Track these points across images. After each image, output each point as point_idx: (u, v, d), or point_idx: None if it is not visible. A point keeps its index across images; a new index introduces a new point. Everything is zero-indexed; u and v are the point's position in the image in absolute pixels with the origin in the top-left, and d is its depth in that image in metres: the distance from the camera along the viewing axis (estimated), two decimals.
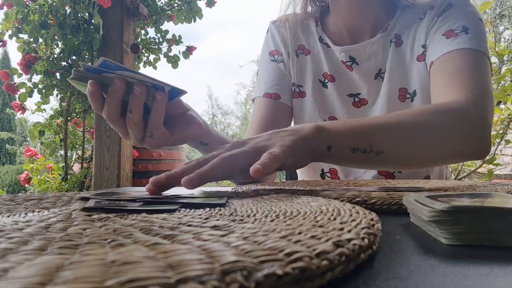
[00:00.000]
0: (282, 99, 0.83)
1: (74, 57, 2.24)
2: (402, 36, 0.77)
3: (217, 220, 0.23)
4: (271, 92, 0.83)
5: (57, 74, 2.23)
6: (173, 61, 2.74)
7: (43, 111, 2.37)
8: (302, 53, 0.85)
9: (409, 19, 0.77)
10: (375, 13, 0.79)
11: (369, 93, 0.79)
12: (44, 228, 0.21)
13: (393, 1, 0.80)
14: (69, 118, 2.29)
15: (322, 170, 0.84)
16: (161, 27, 2.70)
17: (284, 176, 1.15)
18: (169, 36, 2.74)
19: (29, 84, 2.22)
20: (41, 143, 2.46)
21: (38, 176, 2.29)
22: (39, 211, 0.28)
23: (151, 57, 2.78)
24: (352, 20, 0.79)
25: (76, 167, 2.42)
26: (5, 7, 2.13)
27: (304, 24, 0.86)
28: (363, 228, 0.19)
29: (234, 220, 0.23)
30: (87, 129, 2.36)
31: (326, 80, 0.82)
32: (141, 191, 0.43)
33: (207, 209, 0.28)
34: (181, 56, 2.75)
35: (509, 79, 2.02)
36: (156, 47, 2.73)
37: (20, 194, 0.40)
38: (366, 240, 0.18)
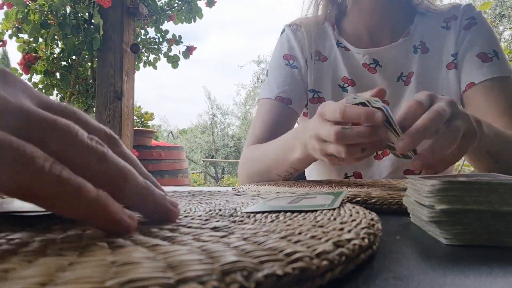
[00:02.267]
0: (292, 105, 0.83)
1: (74, 57, 2.24)
2: (428, 44, 0.80)
3: (217, 221, 0.23)
4: (283, 96, 0.82)
5: (57, 74, 2.23)
6: (173, 61, 2.75)
7: None
8: (319, 59, 0.85)
9: (431, 26, 0.81)
10: (395, 17, 0.81)
11: (391, 95, 0.80)
12: (44, 229, 0.21)
13: (411, 7, 0.83)
14: None
15: (346, 174, 0.84)
16: (161, 27, 2.70)
17: None
18: (169, 36, 2.74)
19: (29, 84, 2.22)
20: None
21: None
22: (39, 211, 0.28)
23: (151, 57, 2.78)
24: (373, 23, 0.81)
25: None
26: (5, 7, 2.13)
27: (320, 28, 0.86)
28: (363, 228, 0.19)
29: (234, 221, 0.23)
30: None
31: (346, 85, 0.83)
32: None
33: (207, 209, 0.28)
34: (181, 56, 2.75)
35: None
36: (156, 47, 2.74)
37: None
38: (366, 240, 0.18)
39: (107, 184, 0.19)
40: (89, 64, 2.26)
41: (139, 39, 2.67)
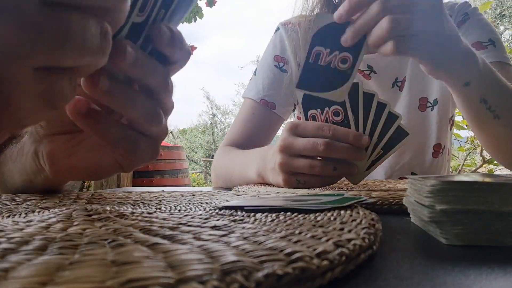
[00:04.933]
0: (277, 110, 0.81)
1: None
2: None
3: (217, 220, 0.23)
4: (268, 100, 0.81)
5: None
6: None
7: None
8: None
9: None
10: None
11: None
12: (44, 228, 0.21)
13: None
14: None
15: None
16: None
17: None
18: None
19: None
20: None
21: None
22: (39, 211, 0.28)
23: None
24: None
25: None
26: None
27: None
28: (363, 228, 0.19)
29: (234, 220, 0.23)
30: None
31: None
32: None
33: (207, 209, 0.28)
34: None
35: None
36: None
37: (20, 194, 0.40)
38: (366, 240, 0.18)
39: None
40: None
41: None
